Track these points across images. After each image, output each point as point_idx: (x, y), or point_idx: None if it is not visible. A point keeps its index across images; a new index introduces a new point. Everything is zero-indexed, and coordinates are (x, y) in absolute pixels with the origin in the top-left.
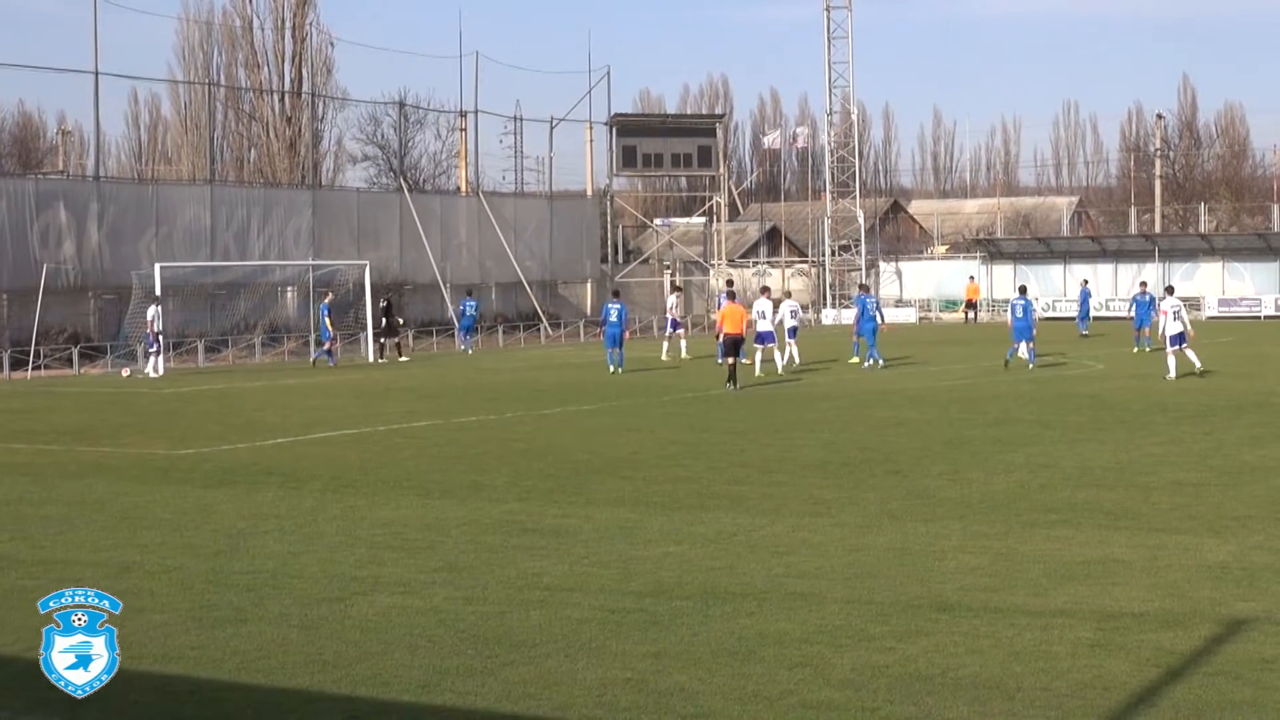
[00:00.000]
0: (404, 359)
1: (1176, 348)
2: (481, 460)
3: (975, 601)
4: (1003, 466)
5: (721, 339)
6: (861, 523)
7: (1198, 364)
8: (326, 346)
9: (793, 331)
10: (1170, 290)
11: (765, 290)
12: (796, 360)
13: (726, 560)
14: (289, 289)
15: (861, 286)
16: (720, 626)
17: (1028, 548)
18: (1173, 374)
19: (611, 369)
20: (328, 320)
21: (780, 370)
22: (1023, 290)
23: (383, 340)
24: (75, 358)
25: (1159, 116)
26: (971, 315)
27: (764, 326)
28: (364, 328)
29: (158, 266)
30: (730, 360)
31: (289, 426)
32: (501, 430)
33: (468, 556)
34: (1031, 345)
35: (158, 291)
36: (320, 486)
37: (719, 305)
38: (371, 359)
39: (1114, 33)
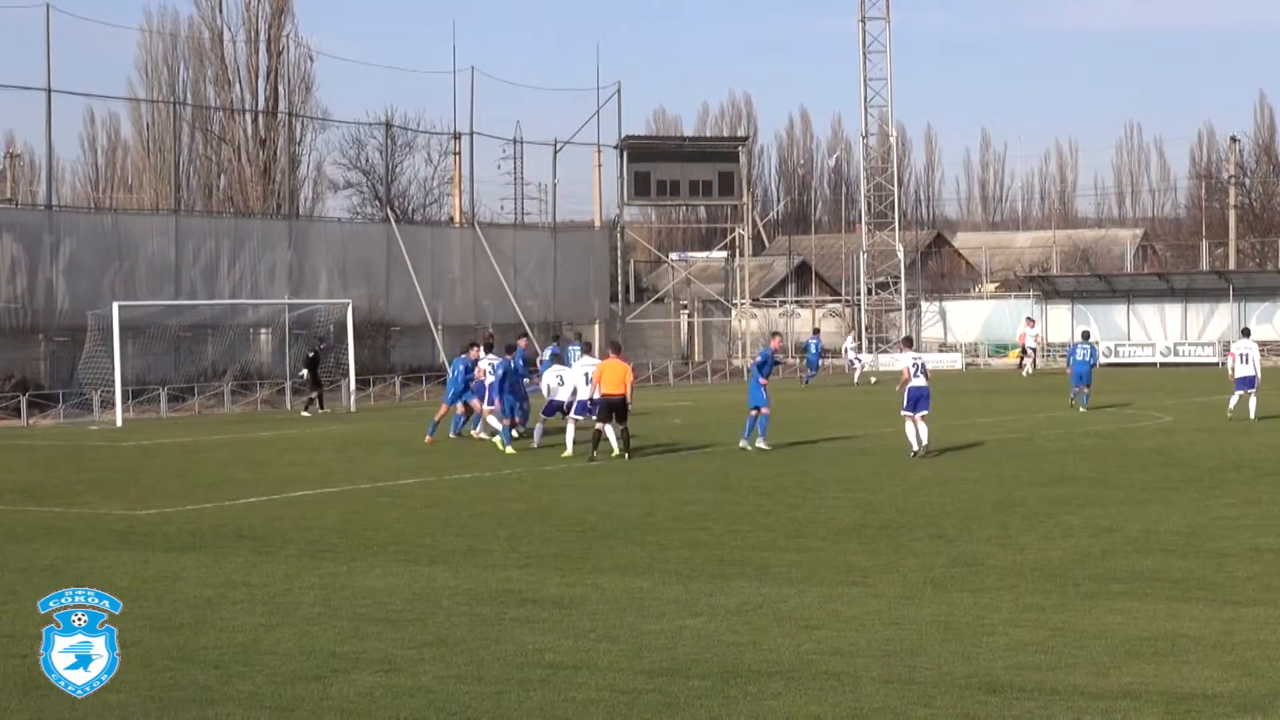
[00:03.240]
0: (305, 414)
1: (1244, 391)
2: (476, 522)
3: (1029, 682)
4: (1059, 530)
5: (598, 399)
6: (901, 593)
7: (1252, 413)
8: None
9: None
10: (1246, 332)
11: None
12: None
13: (750, 635)
14: (263, 331)
15: (906, 340)
16: (743, 709)
17: (1087, 622)
18: (1232, 409)
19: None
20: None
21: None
22: (1085, 335)
23: (312, 395)
24: (23, 407)
25: (1233, 140)
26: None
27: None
28: (346, 374)
29: (116, 306)
30: (601, 425)
31: (261, 484)
32: (499, 488)
33: (461, 630)
34: (1087, 390)
35: (115, 334)
36: (296, 551)
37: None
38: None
39: (1182, 47)
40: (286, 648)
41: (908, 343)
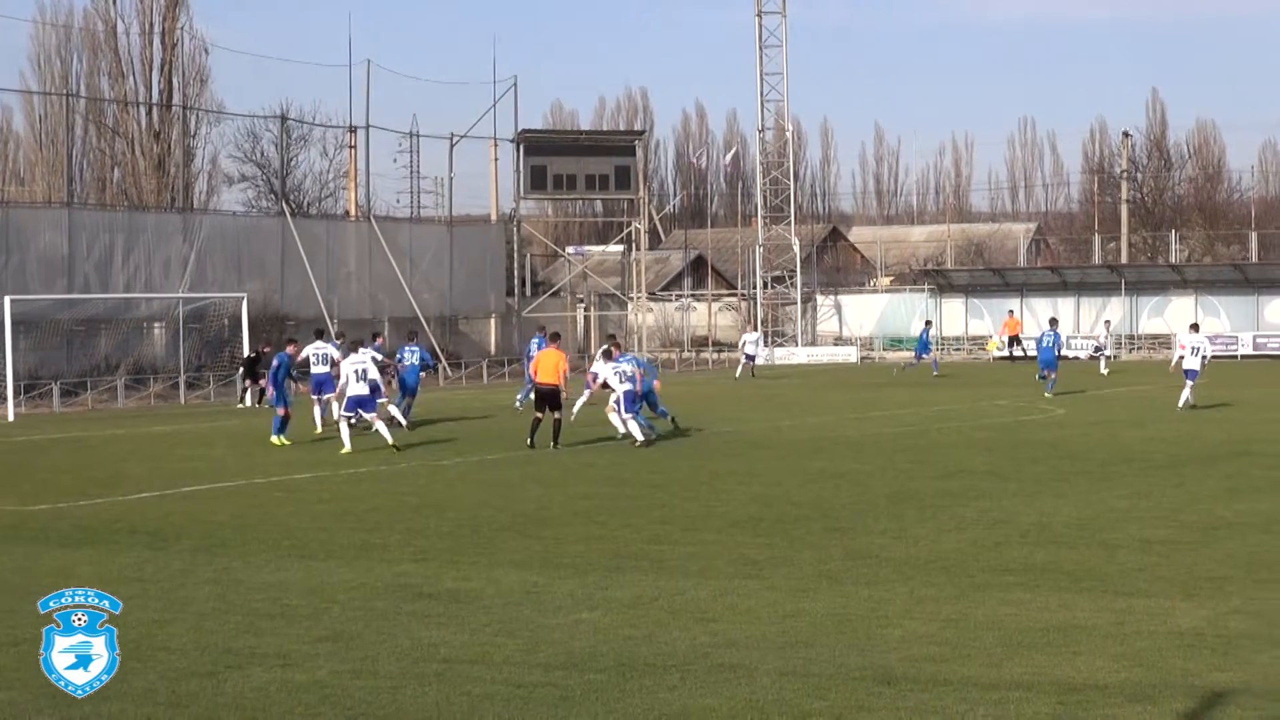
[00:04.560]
0: (255, 405)
1: (1191, 382)
2: (371, 517)
3: (923, 673)
4: (953, 523)
5: (534, 389)
6: (796, 585)
7: (1186, 402)
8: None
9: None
10: (1195, 328)
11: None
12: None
13: (645, 628)
14: (157, 325)
15: (606, 353)
16: (639, 702)
17: (981, 613)
18: (1182, 404)
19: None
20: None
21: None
22: (1053, 323)
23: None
24: None
25: (1125, 135)
26: (1020, 352)
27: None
28: (239, 368)
29: (7, 300)
30: (540, 415)
31: (155, 479)
32: (393, 483)
33: (356, 625)
34: (1053, 376)
35: (6, 328)
36: (190, 546)
37: (532, 350)
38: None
39: (1075, 42)
40: (180, 643)
41: (607, 355)
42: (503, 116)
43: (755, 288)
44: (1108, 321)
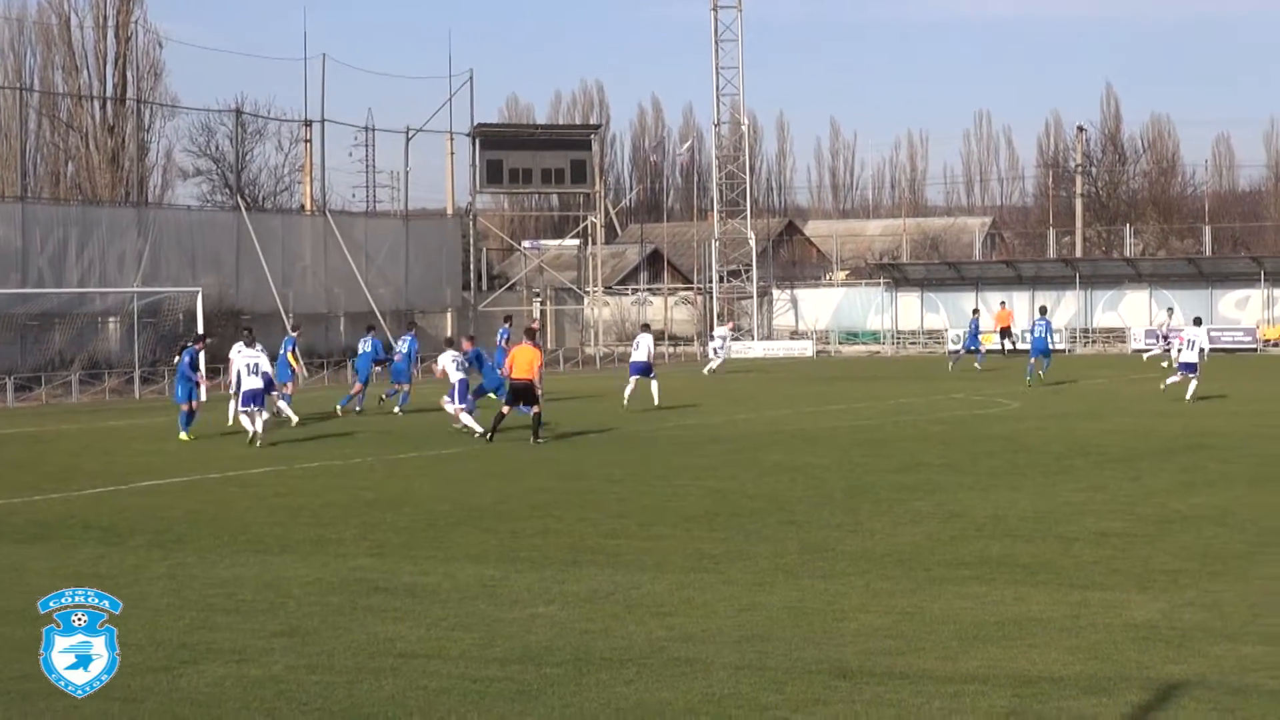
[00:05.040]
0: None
1: (1186, 374)
2: (327, 511)
3: (879, 666)
4: (909, 516)
5: (508, 383)
6: (752, 580)
7: (1189, 394)
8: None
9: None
10: (1198, 321)
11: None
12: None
13: (602, 622)
14: (111, 319)
15: (447, 340)
16: (595, 696)
17: (936, 606)
18: (1168, 385)
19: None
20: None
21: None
22: (1042, 311)
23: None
24: None
25: (1080, 129)
26: (1009, 344)
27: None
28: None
29: None
30: (505, 411)
31: (110, 474)
32: (349, 478)
33: (311, 620)
34: (1046, 363)
35: None
36: (145, 542)
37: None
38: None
39: (1030, 37)
40: (135, 638)
41: (449, 343)
42: (459, 110)
43: (711, 282)
44: (1170, 309)
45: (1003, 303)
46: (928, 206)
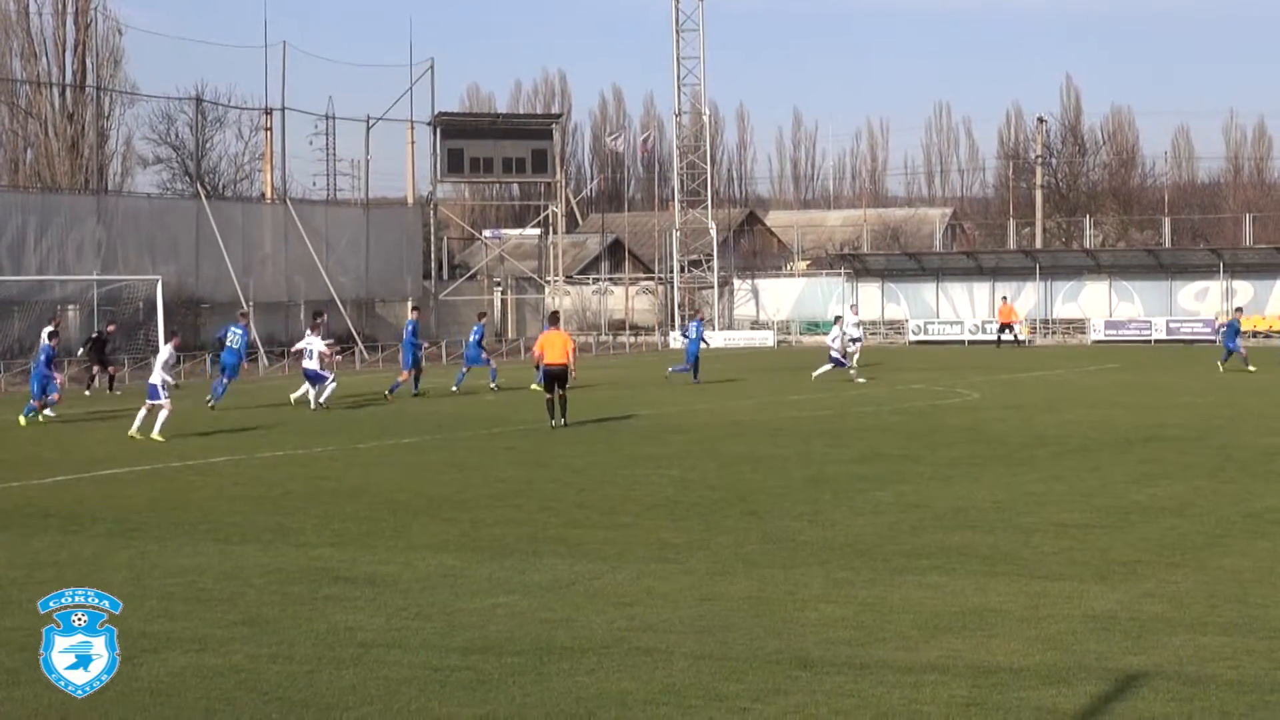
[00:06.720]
0: (87, 393)
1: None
2: (287, 501)
3: (839, 656)
4: (869, 506)
5: (541, 371)
6: (713, 569)
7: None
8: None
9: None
10: (1239, 310)
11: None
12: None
13: (563, 612)
14: (70, 307)
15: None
16: (556, 685)
17: (897, 596)
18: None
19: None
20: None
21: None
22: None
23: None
24: None
25: (1040, 120)
26: (1011, 338)
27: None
28: (155, 351)
29: None
30: (550, 396)
31: (69, 463)
32: (310, 467)
33: (272, 609)
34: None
35: None
36: (105, 530)
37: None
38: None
39: (991, 28)
40: None
41: (314, 328)
42: (419, 99)
43: (672, 272)
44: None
45: (1004, 298)
46: (888, 197)
